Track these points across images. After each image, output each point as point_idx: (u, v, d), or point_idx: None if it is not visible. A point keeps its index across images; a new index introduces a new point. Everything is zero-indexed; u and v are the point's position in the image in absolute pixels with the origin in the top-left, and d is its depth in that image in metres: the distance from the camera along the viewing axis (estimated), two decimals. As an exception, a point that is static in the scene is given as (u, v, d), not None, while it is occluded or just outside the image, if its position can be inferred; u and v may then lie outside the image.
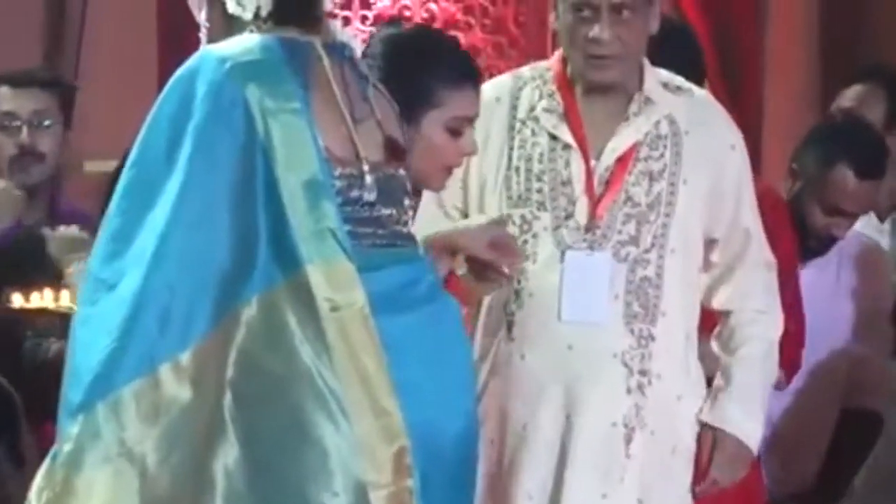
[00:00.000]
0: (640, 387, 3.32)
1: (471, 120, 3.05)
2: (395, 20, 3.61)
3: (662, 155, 3.36)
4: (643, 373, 3.32)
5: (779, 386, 3.82)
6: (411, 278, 2.59)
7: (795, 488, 4.41)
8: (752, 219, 3.46)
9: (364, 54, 2.84)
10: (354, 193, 2.54)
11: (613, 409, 3.30)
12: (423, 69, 2.98)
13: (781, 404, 4.33)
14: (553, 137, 3.35)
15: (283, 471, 2.38)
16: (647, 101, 3.36)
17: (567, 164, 3.33)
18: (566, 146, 3.35)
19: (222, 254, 2.42)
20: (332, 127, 2.54)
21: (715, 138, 3.41)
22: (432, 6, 5.97)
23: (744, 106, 6.03)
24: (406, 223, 2.66)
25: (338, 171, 2.52)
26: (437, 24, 5.76)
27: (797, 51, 6.38)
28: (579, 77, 3.35)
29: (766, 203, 3.62)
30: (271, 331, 2.41)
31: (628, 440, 3.32)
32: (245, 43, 2.52)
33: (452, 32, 4.77)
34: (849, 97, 5.09)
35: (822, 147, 4.42)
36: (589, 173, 3.33)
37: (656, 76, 3.40)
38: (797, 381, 4.20)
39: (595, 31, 3.26)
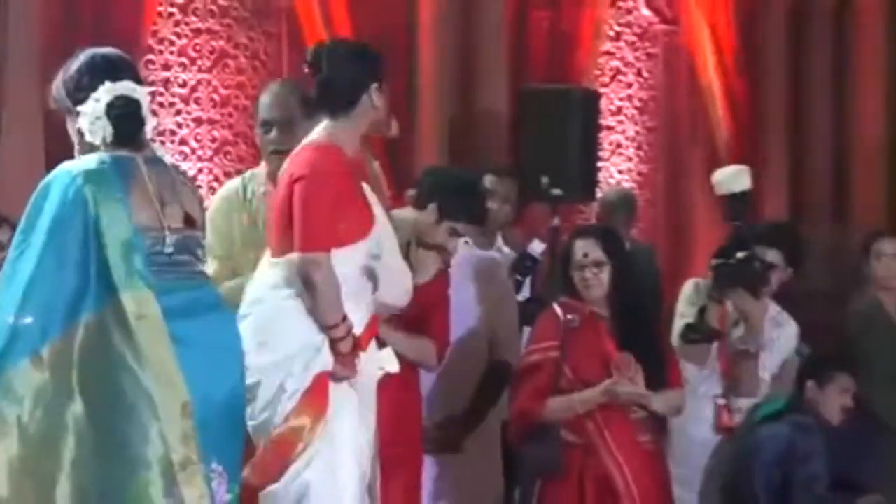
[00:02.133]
0: None
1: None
2: None
3: None
4: None
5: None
6: (196, 297, 4.10)
7: (450, 411, 5.49)
8: None
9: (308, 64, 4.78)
10: (157, 248, 4.03)
11: None
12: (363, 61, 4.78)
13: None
14: None
15: (112, 420, 3.87)
16: None
17: None
18: None
19: (68, 288, 3.91)
20: (145, 209, 4.02)
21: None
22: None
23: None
24: (200, 264, 4.15)
25: (146, 235, 4.01)
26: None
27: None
28: None
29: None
30: (101, 335, 3.91)
31: None
32: (88, 160, 4.04)
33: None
34: None
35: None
36: None
37: None
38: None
39: None
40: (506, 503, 5.75)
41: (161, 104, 7.76)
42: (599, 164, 8.85)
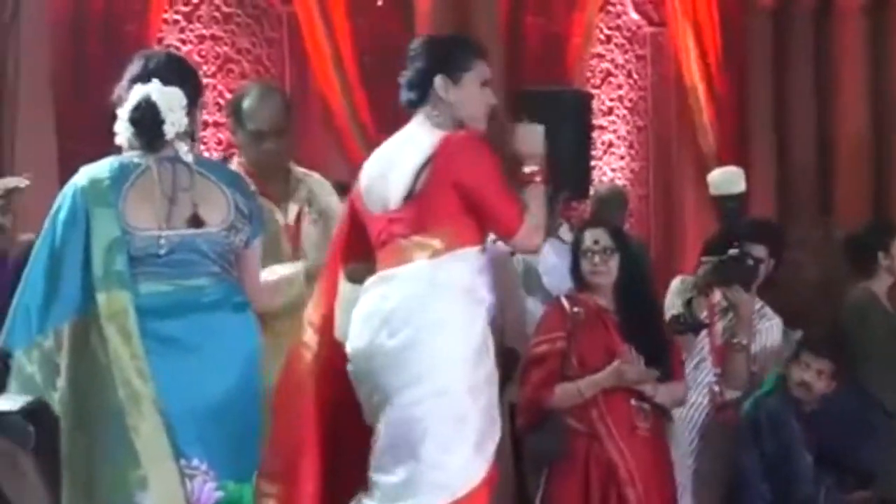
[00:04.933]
0: None
1: (489, 82, 4.54)
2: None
3: None
4: None
5: None
6: (194, 297, 4.12)
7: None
8: None
9: (409, 55, 4.63)
10: (152, 250, 4.09)
11: None
12: (459, 48, 4.59)
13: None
14: None
15: (92, 399, 4.04)
16: None
17: None
18: None
19: (65, 291, 4.05)
20: (143, 210, 4.09)
21: None
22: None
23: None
24: (211, 263, 4.15)
25: (140, 237, 4.08)
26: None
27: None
28: None
29: None
30: (83, 333, 4.06)
31: None
32: (95, 168, 4.15)
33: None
34: None
35: None
36: None
37: None
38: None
39: None
40: (516, 490, 5.81)
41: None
42: (593, 162, 8.91)
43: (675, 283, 6.29)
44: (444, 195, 4.40)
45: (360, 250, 4.58)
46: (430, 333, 4.37)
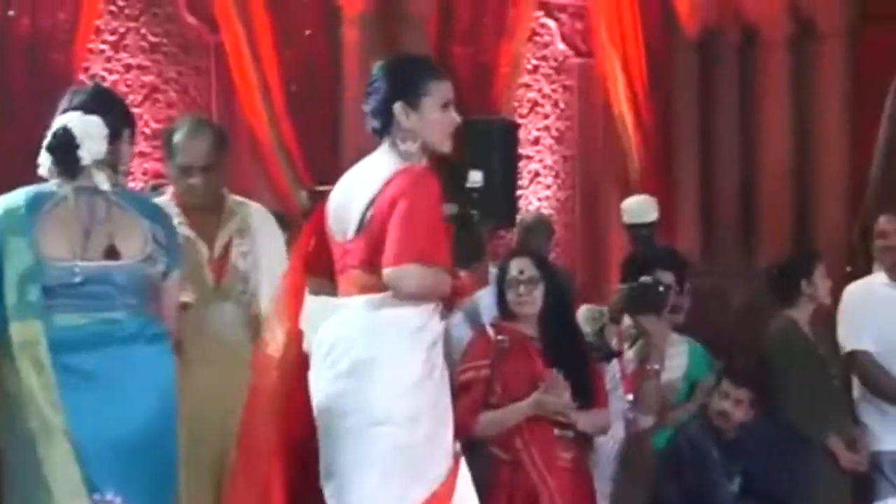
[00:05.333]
0: None
1: (450, 102, 4.44)
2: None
3: None
4: None
5: None
6: (108, 330, 4.07)
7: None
8: None
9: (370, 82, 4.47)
10: (66, 280, 4.04)
11: None
12: (416, 73, 4.45)
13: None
14: None
15: (5, 429, 4.03)
16: None
17: None
18: None
19: None
20: (58, 240, 4.06)
21: None
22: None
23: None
24: (126, 296, 4.09)
25: (55, 266, 4.04)
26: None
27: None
28: None
29: None
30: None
31: None
32: (14, 195, 4.12)
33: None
34: None
35: None
36: None
37: None
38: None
39: None
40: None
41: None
42: (519, 191, 8.97)
43: (583, 310, 6.37)
44: (385, 231, 4.37)
45: (322, 265, 4.56)
46: (366, 368, 4.36)
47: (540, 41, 9.76)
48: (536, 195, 9.78)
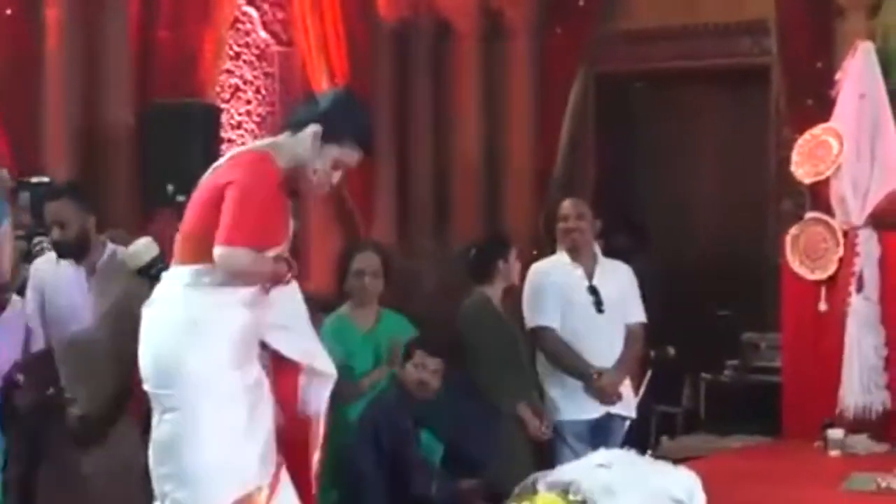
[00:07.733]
0: None
1: (345, 169, 4.56)
2: None
3: None
4: None
5: None
6: None
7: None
8: None
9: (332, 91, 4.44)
10: None
11: None
12: (354, 124, 4.57)
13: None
14: None
15: None
16: None
17: None
18: None
19: None
20: None
21: None
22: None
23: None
24: None
25: None
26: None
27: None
28: None
29: None
30: None
31: None
32: None
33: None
34: None
35: None
36: None
37: None
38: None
39: None
40: None
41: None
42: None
43: None
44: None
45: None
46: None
47: (242, 28, 9.85)
48: (238, 178, 9.84)
